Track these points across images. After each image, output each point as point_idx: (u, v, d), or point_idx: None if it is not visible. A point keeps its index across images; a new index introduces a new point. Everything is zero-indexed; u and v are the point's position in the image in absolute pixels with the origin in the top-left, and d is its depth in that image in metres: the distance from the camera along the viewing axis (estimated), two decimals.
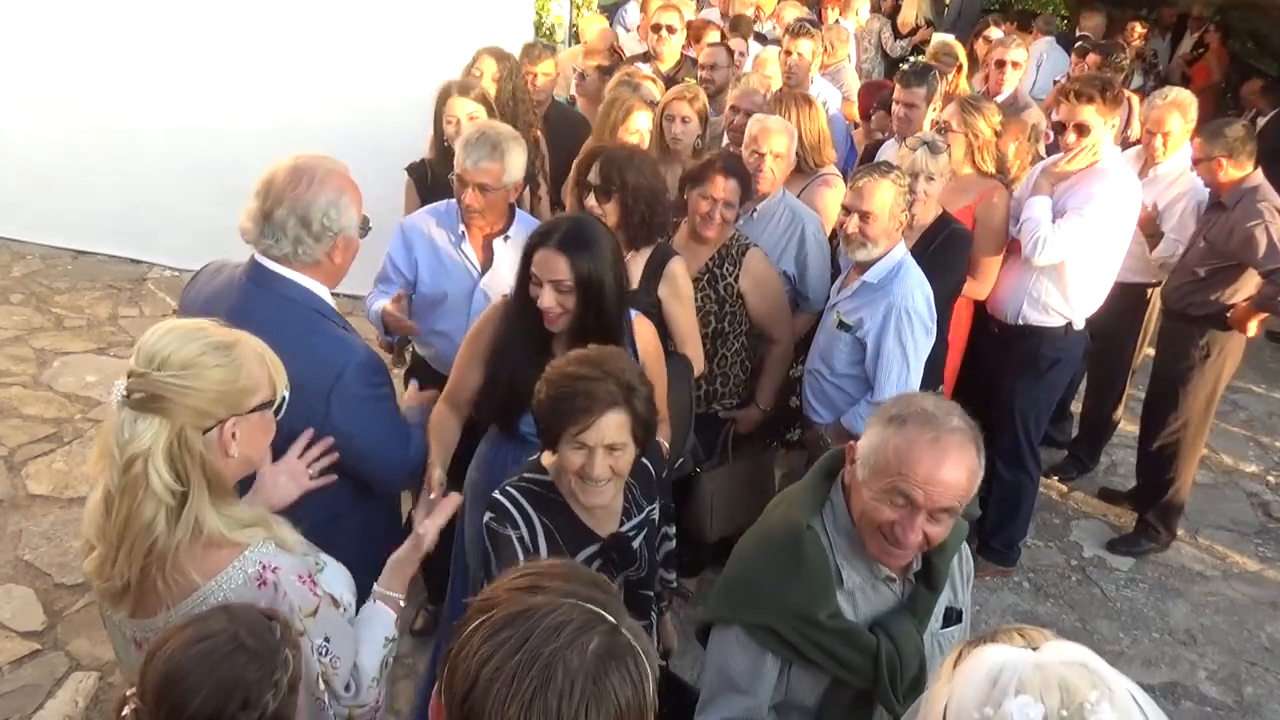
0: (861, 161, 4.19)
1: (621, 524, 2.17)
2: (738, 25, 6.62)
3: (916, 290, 3.06)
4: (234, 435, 1.65)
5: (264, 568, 1.64)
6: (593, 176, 3.03)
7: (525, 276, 2.43)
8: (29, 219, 6.26)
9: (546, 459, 2.14)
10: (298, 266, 2.19)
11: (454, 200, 3.04)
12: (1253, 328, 4.04)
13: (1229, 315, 4.02)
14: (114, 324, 5.56)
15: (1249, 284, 3.96)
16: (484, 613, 1.07)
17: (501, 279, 2.93)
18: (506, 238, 3.03)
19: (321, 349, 2.15)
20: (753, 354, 3.53)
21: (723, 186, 3.23)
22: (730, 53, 5.36)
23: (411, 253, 3.08)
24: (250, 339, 1.71)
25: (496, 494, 2.12)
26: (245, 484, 1.89)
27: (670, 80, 4.94)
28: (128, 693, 1.43)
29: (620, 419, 1.97)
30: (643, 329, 2.62)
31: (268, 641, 1.42)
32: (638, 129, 3.80)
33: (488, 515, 2.09)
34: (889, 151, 4.27)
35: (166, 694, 1.37)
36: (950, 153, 3.57)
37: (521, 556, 1.99)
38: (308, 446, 2.04)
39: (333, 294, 2.28)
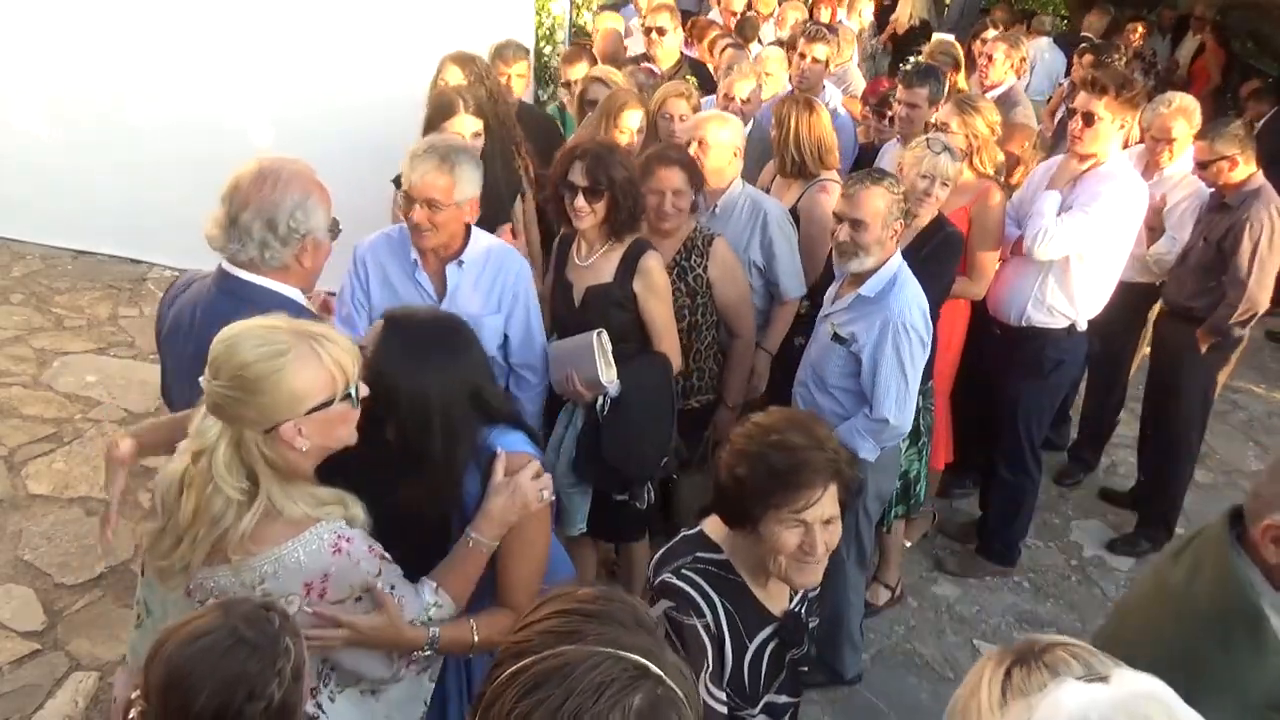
0: (856, 165, 4.15)
1: (790, 599, 2.04)
2: (742, 28, 6.62)
3: (913, 304, 2.99)
4: (300, 431, 1.69)
5: (339, 537, 1.76)
6: (577, 177, 2.95)
7: None
8: (29, 219, 6.25)
9: (717, 532, 1.97)
10: (266, 271, 2.16)
11: (404, 224, 2.79)
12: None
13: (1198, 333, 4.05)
14: (114, 324, 5.55)
15: None
16: (517, 658, 1.02)
17: (459, 309, 2.70)
18: (461, 262, 2.81)
19: None
20: (724, 347, 3.51)
21: (664, 177, 3.22)
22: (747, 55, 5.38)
23: (366, 283, 2.87)
24: (313, 337, 1.69)
25: (672, 578, 1.91)
26: None
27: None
28: (133, 695, 1.44)
29: (835, 489, 1.85)
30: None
31: (267, 632, 1.43)
32: (628, 127, 3.75)
33: (666, 604, 1.88)
34: (889, 155, 4.26)
35: (171, 694, 1.37)
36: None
37: (709, 647, 1.85)
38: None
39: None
